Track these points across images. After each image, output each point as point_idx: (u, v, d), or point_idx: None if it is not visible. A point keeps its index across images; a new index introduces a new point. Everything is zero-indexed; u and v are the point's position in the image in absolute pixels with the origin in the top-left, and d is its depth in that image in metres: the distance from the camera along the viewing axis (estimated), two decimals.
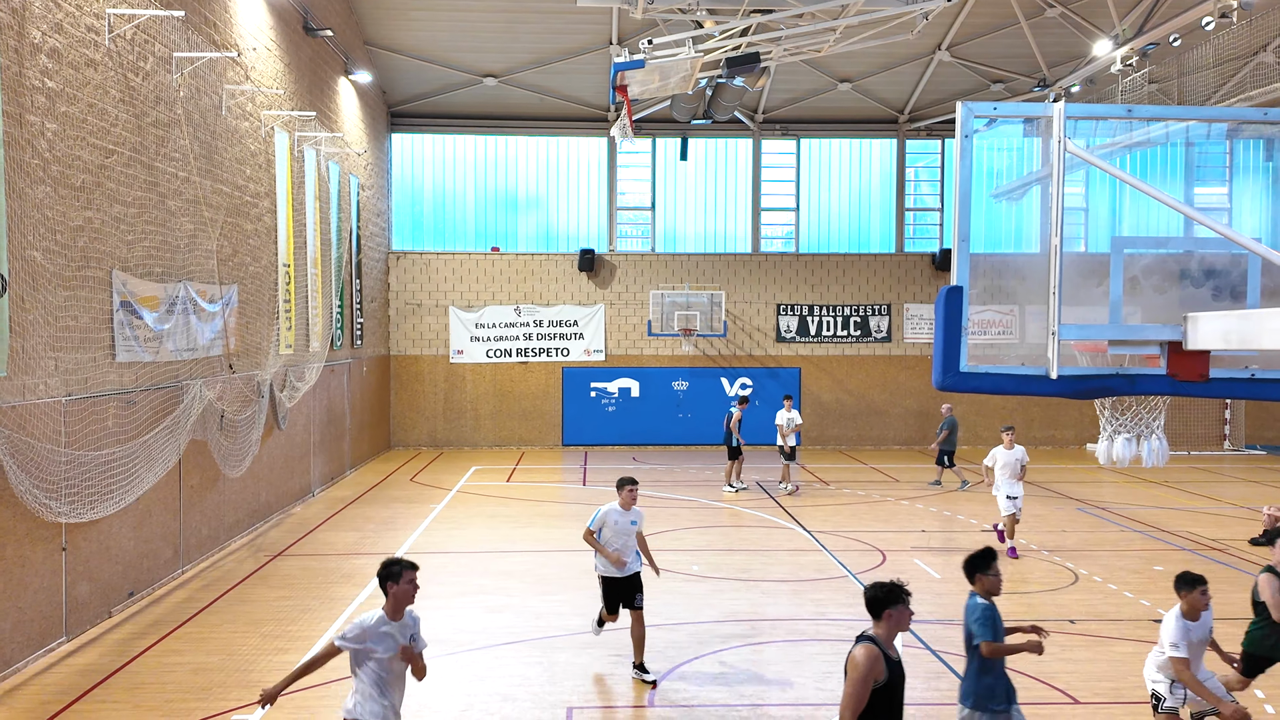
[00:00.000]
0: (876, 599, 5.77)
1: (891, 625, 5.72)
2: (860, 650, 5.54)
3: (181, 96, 13.12)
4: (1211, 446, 27.36)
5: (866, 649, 5.56)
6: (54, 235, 10.09)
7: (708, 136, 27.66)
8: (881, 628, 5.74)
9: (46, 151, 9.98)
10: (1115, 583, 13.03)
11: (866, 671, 5.46)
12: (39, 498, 9.39)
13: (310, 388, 18.43)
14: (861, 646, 5.57)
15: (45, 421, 9.78)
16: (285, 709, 8.60)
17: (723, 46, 16.77)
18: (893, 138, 28.05)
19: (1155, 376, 5.34)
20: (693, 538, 15.64)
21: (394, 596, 6.38)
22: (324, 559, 14.26)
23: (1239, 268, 5.34)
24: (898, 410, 27.76)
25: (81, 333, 10.64)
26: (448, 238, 27.64)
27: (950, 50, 24.52)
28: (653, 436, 27.35)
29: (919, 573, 13.42)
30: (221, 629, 10.91)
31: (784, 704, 8.72)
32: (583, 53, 24.41)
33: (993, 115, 5.35)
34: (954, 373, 5.24)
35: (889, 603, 5.70)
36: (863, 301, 27.82)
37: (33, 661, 9.73)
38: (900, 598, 5.70)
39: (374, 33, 23.72)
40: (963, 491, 20.50)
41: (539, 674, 9.49)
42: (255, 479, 15.89)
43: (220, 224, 14.39)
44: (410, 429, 27.17)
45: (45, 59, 10.02)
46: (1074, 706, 8.79)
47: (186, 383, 12.97)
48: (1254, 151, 5.70)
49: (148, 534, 12.22)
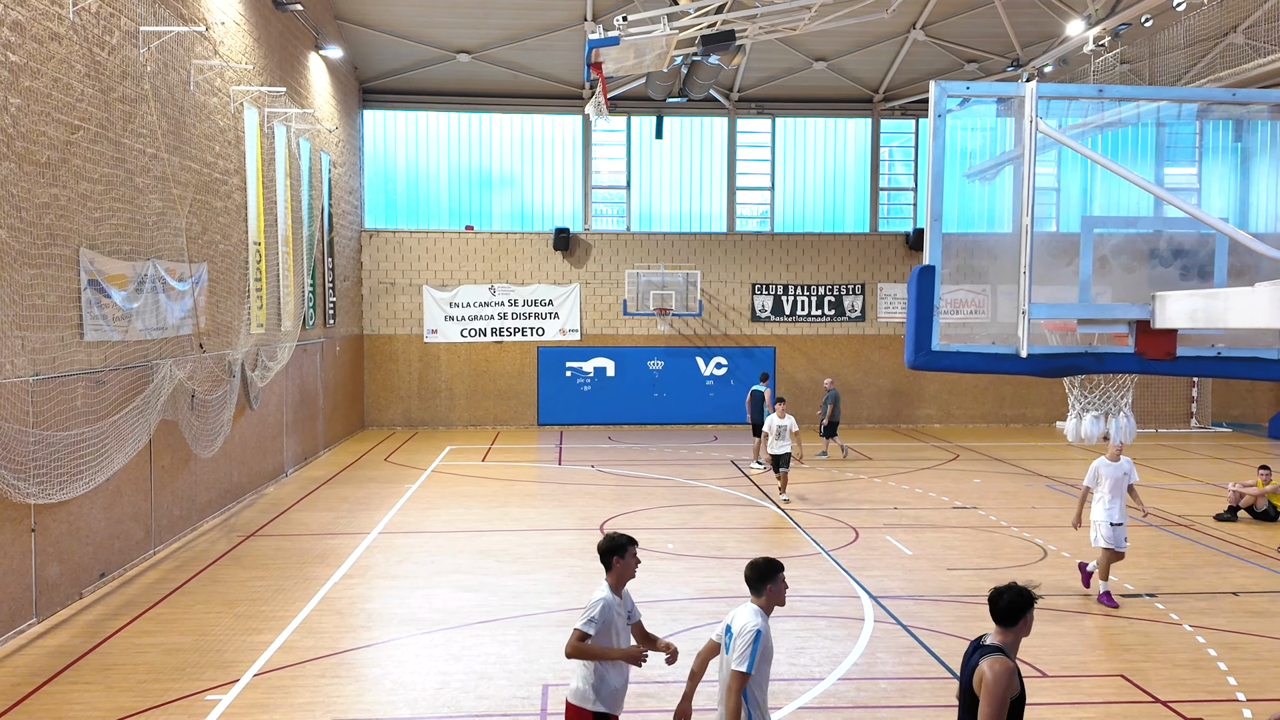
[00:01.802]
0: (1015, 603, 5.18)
1: (1021, 630, 5.20)
2: (997, 664, 4.98)
3: (148, 71, 12.91)
4: (1178, 424, 27.76)
5: (1003, 663, 5.00)
6: (19, 213, 9.94)
7: (683, 115, 27.57)
8: (1009, 635, 5.19)
9: (10, 127, 9.80)
10: (1084, 558, 13.22)
11: (1006, 689, 4.94)
12: (7, 478, 9.29)
13: (282, 367, 18.29)
14: (995, 660, 5.01)
15: (12, 401, 9.66)
16: (260, 689, 8.59)
17: (698, 24, 16.69)
18: (867, 117, 28.09)
19: (1123, 355, 5.40)
20: (668, 516, 15.72)
21: (619, 572, 6.17)
22: (298, 539, 14.21)
23: (1207, 247, 5.40)
24: (871, 389, 27.95)
25: (49, 311, 10.50)
26: (421, 216, 27.44)
27: (925, 29, 24.55)
28: (628, 416, 27.39)
29: (891, 549, 13.57)
30: (194, 609, 10.87)
31: None
32: (557, 29, 24.23)
33: (966, 95, 5.36)
34: (926, 352, 5.28)
35: (1026, 607, 5.18)
36: (837, 281, 27.93)
37: (2, 644, 9.65)
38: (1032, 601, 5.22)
39: (345, 7, 23.42)
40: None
41: (515, 652, 9.53)
42: (227, 459, 15.78)
43: (189, 201, 14.21)
44: (384, 409, 27.06)
45: (7, 32, 9.82)
46: (1042, 679, 8.93)
47: (156, 362, 12.84)
48: (1223, 132, 5.75)
49: (119, 514, 12.13)
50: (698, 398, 27.53)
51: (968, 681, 5.14)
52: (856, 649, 9.72)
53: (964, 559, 13.18)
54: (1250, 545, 14.11)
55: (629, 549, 6.19)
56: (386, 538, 14.27)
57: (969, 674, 5.15)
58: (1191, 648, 9.81)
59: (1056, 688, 8.75)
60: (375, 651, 9.60)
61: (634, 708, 7.74)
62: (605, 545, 6.20)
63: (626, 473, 19.70)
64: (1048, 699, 8.46)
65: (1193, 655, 9.58)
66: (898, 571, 12.51)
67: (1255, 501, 15.80)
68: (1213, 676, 9.04)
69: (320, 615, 10.66)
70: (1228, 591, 11.71)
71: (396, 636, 10.01)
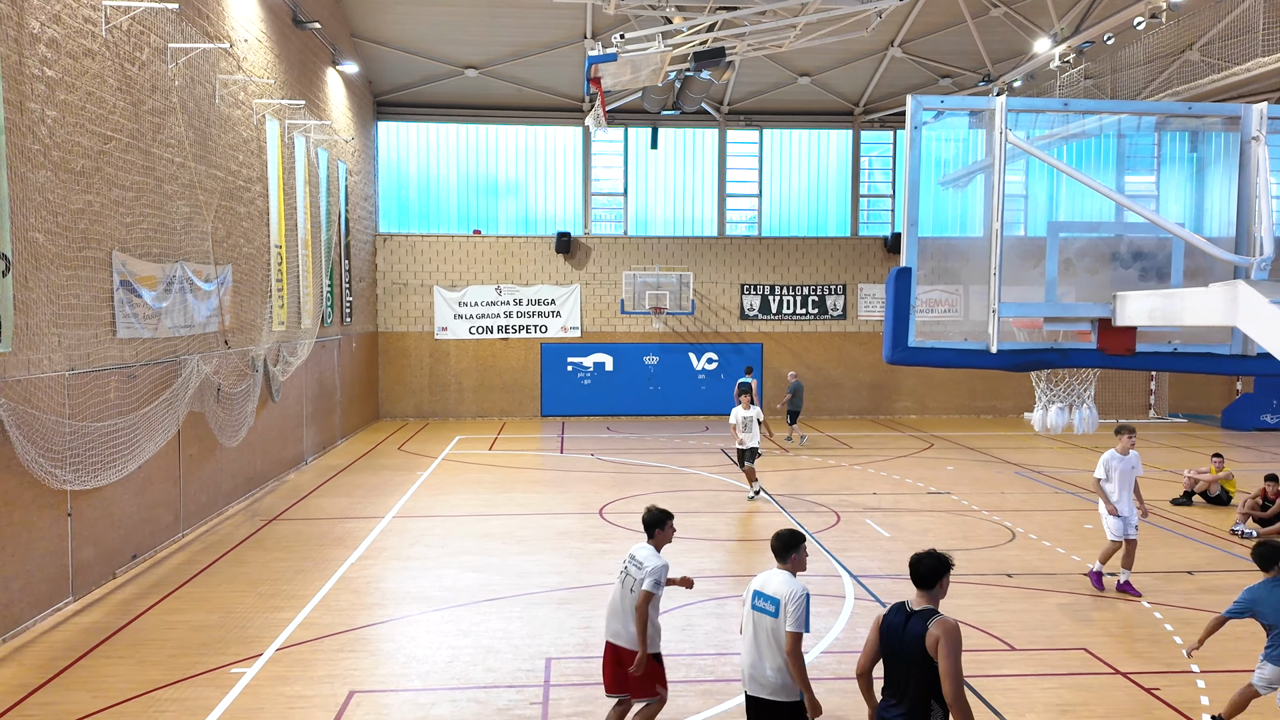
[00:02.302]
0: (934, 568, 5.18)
1: (939, 593, 5.19)
2: (947, 623, 5.00)
3: (176, 85, 12.87)
4: (1138, 415, 27.82)
5: (950, 621, 5.04)
6: (55, 217, 9.91)
7: (676, 126, 27.53)
8: (930, 597, 5.18)
9: (47, 137, 9.77)
10: (1049, 540, 13.26)
11: (960, 640, 4.98)
12: (45, 466, 9.28)
13: (302, 362, 18.27)
14: (943, 620, 5.03)
15: (49, 395, 9.64)
16: (282, 663, 8.59)
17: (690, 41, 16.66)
18: (848, 128, 28.07)
19: (1087, 350, 5.41)
20: (663, 501, 15.68)
21: (661, 538, 6.85)
22: (316, 523, 14.20)
23: (1164, 251, 5.40)
24: (852, 383, 27.97)
25: (83, 310, 10.47)
26: (432, 221, 27.39)
27: (902, 47, 24.53)
28: (625, 408, 27.39)
29: (870, 532, 13.59)
30: (220, 589, 10.86)
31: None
32: (559, 46, 24.18)
33: (940, 108, 5.36)
34: (903, 348, 5.28)
35: (943, 571, 5.18)
36: (820, 281, 27.92)
37: (40, 620, 9.65)
38: (948, 566, 5.21)
39: (360, 25, 23.35)
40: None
41: (520, 628, 9.54)
42: (251, 448, 15.76)
43: (214, 207, 14.18)
44: (398, 401, 27.02)
45: (44, 49, 9.79)
46: (1010, 653, 8.96)
47: (184, 358, 12.82)
48: (1180, 143, 5.75)
49: (149, 500, 12.12)
50: (690, 391, 27.53)
51: (917, 644, 4.98)
52: (838, 624, 9.74)
53: (938, 541, 13.19)
54: (1204, 528, 14.16)
55: (668, 521, 6.90)
56: (400, 521, 14.27)
57: (914, 638, 5.00)
58: (1150, 623, 9.84)
59: (1023, 660, 8.77)
60: (389, 628, 9.61)
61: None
62: (649, 518, 6.89)
63: (624, 460, 19.70)
64: (1016, 670, 8.49)
65: (1151, 630, 9.62)
66: (876, 553, 12.53)
67: (1209, 487, 15.86)
68: (1169, 650, 9.07)
69: (338, 594, 10.67)
70: (1183, 570, 11.75)
71: (409, 614, 10.01)
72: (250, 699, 7.81)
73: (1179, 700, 7.89)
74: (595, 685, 8.09)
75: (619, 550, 12.44)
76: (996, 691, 8.02)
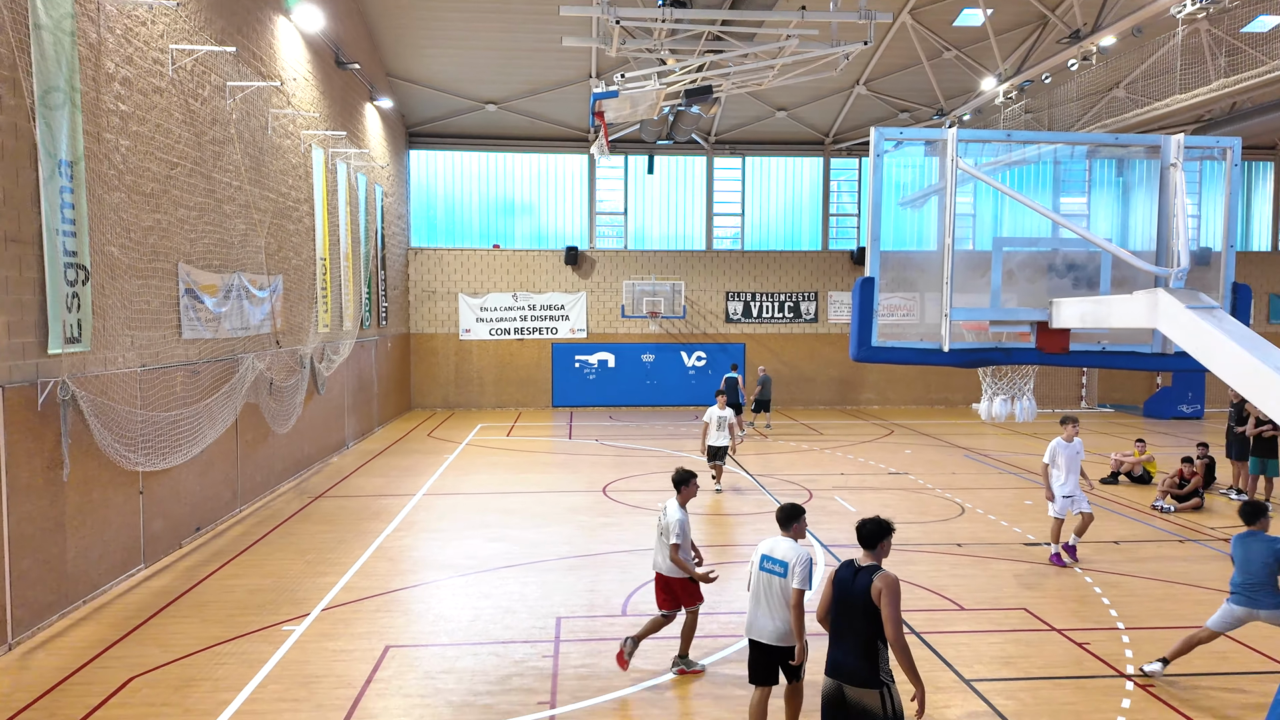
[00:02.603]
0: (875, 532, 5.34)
1: (881, 552, 5.34)
2: (889, 576, 5.14)
3: (234, 118, 12.84)
4: (1071, 405, 27.85)
5: (892, 575, 5.17)
6: (128, 234, 9.89)
7: (670, 154, 27.50)
8: (874, 556, 5.34)
9: (121, 164, 9.75)
10: (994, 514, 13.28)
11: (900, 592, 5.15)
12: (120, 451, 9.27)
13: (344, 360, 18.24)
14: (886, 574, 5.17)
15: (124, 388, 9.63)
16: (327, 621, 8.59)
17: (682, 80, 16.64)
18: (820, 156, 28.05)
19: (1026, 350, 5.43)
20: (658, 480, 15.72)
21: (685, 495, 7.30)
22: (357, 500, 14.20)
23: (1094, 263, 5.41)
24: (823, 378, 27.97)
25: (152, 315, 10.46)
26: (457, 237, 27.35)
27: (867, 85, 24.52)
28: (625, 399, 27.38)
29: (838, 507, 13.59)
30: (272, 557, 10.86)
31: (730, 612, 8.84)
32: (567, 84, 24.14)
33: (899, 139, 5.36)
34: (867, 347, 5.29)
35: (884, 534, 5.34)
36: (795, 289, 27.92)
37: (116, 585, 9.65)
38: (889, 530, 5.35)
39: (394, 66, 23.31)
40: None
41: (534, 591, 9.54)
42: (299, 435, 15.75)
43: (267, 225, 14.16)
44: (427, 394, 27.00)
45: (119, 86, 9.76)
46: (960, 612, 8.98)
47: (241, 356, 12.80)
48: (1108, 169, 5.76)
49: (211, 480, 12.11)
50: (682, 385, 27.53)
51: (864, 595, 5.15)
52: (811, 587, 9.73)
53: (897, 515, 13.19)
54: (1128, 504, 14.18)
55: (692, 480, 7.34)
56: (429, 499, 14.26)
57: (861, 590, 5.18)
58: (1081, 587, 9.86)
59: (971, 619, 8.78)
60: (420, 590, 9.61)
61: None
62: (678, 476, 7.37)
63: (624, 445, 19.70)
64: (965, 628, 8.50)
65: (1082, 593, 9.63)
66: (845, 525, 12.53)
67: (1133, 468, 15.88)
68: (1098, 610, 9.09)
69: (375, 561, 10.67)
70: (1110, 541, 11.77)
71: (437, 578, 10.01)
72: (299, 653, 7.81)
73: (1106, 653, 7.91)
74: (600, 640, 8.10)
75: (621, 523, 12.45)
76: (948, 646, 8.04)
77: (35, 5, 8.20)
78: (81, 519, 9.04)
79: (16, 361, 8.07)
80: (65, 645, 8.00)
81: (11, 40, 7.96)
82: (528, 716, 6.67)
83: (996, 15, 20.39)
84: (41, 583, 8.37)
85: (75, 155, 8.72)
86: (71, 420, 8.67)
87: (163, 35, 10.83)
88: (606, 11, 13.09)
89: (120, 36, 9.86)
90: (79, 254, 8.77)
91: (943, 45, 22.08)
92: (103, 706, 6.80)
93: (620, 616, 8.77)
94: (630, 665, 7.40)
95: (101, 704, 6.84)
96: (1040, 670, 7.54)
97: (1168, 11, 15.10)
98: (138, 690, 7.07)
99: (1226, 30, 18.30)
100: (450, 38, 21.94)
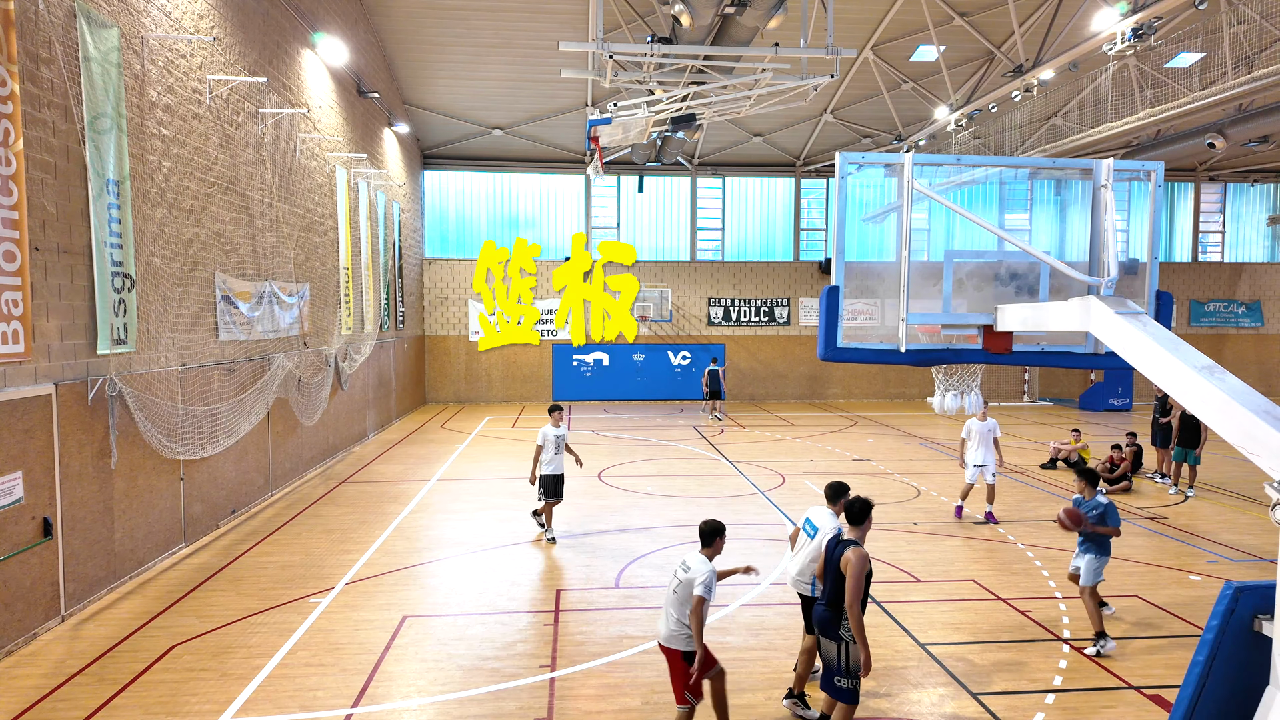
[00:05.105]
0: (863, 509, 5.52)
1: (865, 527, 5.53)
2: (858, 551, 5.27)
3: (265, 142, 12.77)
4: (1014, 399, 28.00)
5: (860, 550, 5.28)
6: (169, 246, 9.83)
7: (658, 175, 27.49)
8: (859, 530, 5.52)
9: (163, 183, 9.69)
10: (946, 496, 13.34)
11: (863, 567, 5.20)
12: (162, 441, 9.21)
13: (365, 359, 18.17)
14: (855, 549, 5.29)
15: (166, 385, 9.57)
16: (350, 594, 8.56)
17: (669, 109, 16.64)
18: (791, 177, 28.09)
19: (974, 350, 5.46)
20: (647, 466, 15.73)
21: (716, 548, 5.43)
22: (377, 485, 14.15)
23: (1034, 272, 5.45)
24: (794, 374, 28.03)
25: (192, 319, 10.40)
26: (466, 248, 27.26)
27: (833, 113, 24.57)
28: (618, 394, 27.36)
29: (808, 490, 13.62)
30: (301, 536, 10.81)
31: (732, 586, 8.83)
32: (566, 112, 24.10)
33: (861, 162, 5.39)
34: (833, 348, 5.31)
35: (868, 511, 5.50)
36: (769, 296, 27.96)
37: (160, 561, 9.59)
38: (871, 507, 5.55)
39: (411, 95, 23.21)
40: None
41: (537, 565, 9.53)
42: (324, 427, 15.68)
43: (295, 237, 14.08)
44: (440, 389, 26.91)
45: (160, 113, 9.70)
46: (916, 584, 9.02)
47: (272, 356, 12.74)
48: (1047, 189, 5.81)
49: (245, 467, 12.04)
50: (668, 381, 27.53)
51: (835, 564, 5.46)
52: (783, 562, 9.76)
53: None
54: (1065, 487, 14.27)
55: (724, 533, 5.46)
56: (442, 484, 14.23)
57: (836, 560, 5.46)
58: (1023, 560, 9.92)
59: (926, 589, 8.83)
60: (435, 566, 9.59)
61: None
62: (707, 528, 5.46)
63: (617, 435, 19.69)
64: (920, 598, 8.54)
65: (1024, 565, 9.70)
66: (814, 504, 12.54)
67: (1069, 455, 15.99)
68: (1037, 580, 9.16)
69: (394, 540, 10.64)
70: (1049, 520, 11.85)
71: (450, 555, 10.00)
72: (325, 622, 7.79)
73: (1045, 619, 7.97)
74: (594, 610, 8.10)
75: (616, 506, 12.45)
76: (906, 614, 8.08)
77: (85, 39, 8.14)
78: (128, 502, 8.98)
79: (69, 361, 8.01)
80: (113, 616, 7.95)
81: (64, 71, 7.90)
82: (530, 678, 6.67)
83: (949, 51, 20.48)
84: (92, 560, 8.31)
85: (121, 175, 8.66)
86: (119, 414, 8.62)
87: (201, 67, 10.76)
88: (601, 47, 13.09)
89: (162, 68, 9.79)
90: (125, 264, 8.71)
91: (901, 78, 22.16)
92: (148, 671, 6.76)
93: (613, 589, 8.78)
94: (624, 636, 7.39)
95: (147, 669, 6.80)
96: (987, 635, 7.58)
97: (1100, 49, 15.21)
98: (179, 657, 7.04)
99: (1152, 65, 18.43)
100: (461, 70, 21.88)
